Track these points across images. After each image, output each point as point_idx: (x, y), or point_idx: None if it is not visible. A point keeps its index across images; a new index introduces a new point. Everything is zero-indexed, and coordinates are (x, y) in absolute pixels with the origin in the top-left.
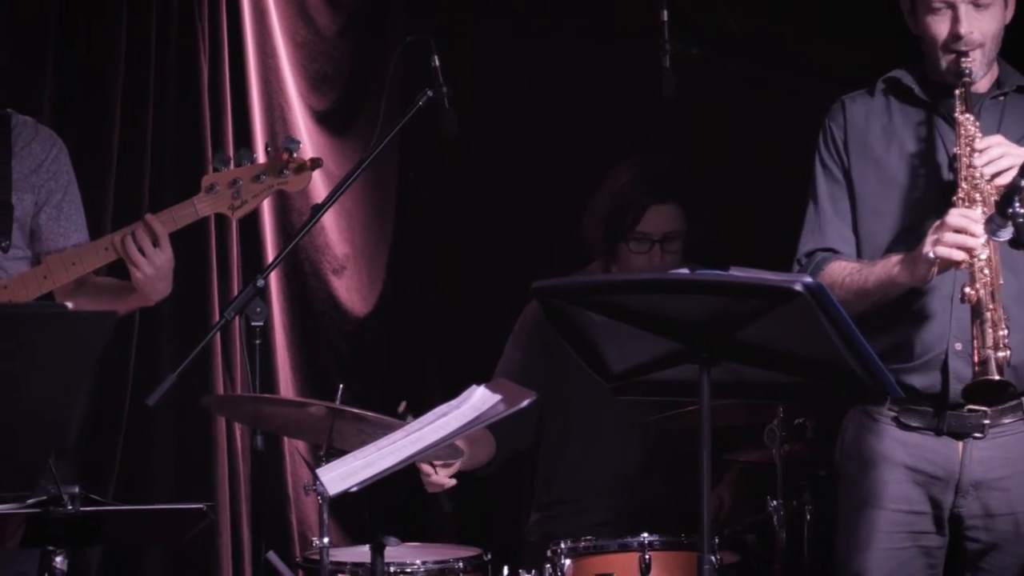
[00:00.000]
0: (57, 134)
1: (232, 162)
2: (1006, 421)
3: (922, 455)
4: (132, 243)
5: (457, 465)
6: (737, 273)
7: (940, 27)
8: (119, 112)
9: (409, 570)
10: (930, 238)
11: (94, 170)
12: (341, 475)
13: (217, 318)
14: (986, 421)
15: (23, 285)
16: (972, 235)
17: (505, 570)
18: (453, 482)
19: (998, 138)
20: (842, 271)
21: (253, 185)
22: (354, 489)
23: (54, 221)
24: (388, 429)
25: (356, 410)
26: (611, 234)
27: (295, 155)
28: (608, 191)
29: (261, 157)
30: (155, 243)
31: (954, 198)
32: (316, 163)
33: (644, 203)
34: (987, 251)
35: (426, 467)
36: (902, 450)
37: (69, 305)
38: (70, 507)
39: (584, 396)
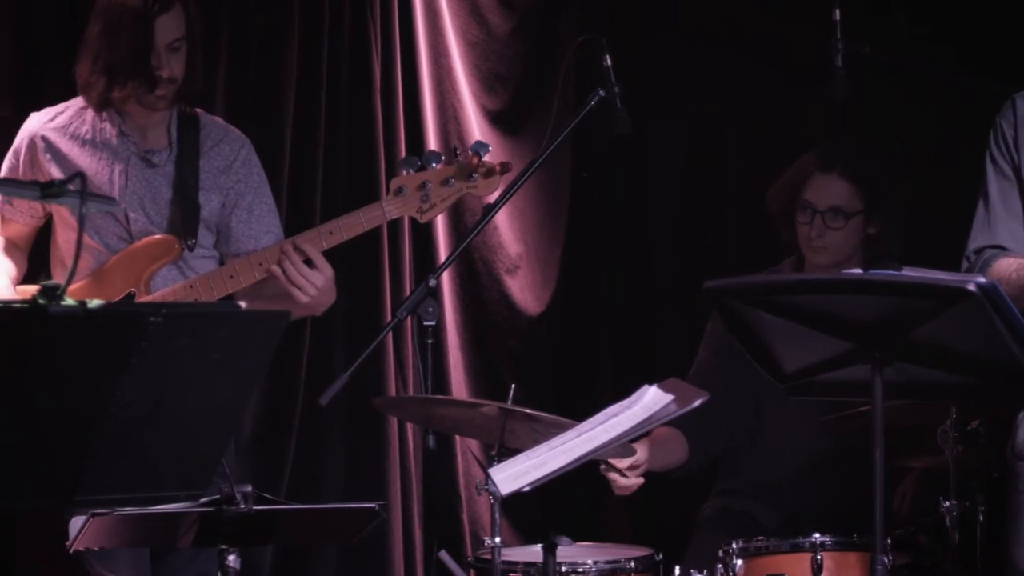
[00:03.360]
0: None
1: (420, 164)
2: None
3: None
4: (292, 270)
5: (643, 467)
6: (910, 273)
7: None
8: (291, 113)
9: (581, 570)
10: None
11: (267, 171)
12: (513, 475)
13: (389, 318)
14: None
15: (208, 284)
16: None
17: (677, 570)
18: (641, 481)
19: None
20: (1009, 268)
21: (442, 189)
22: (526, 489)
23: (245, 224)
24: (560, 429)
25: (528, 410)
26: (786, 202)
27: (484, 159)
28: (794, 164)
29: (448, 160)
30: (309, 263)
31: None
32: (505, 167)
33: (809, 169)
34: None
35: (613, 475)
36: None
37: (243, 305)
38: (243, 506)
39: (764, 395)
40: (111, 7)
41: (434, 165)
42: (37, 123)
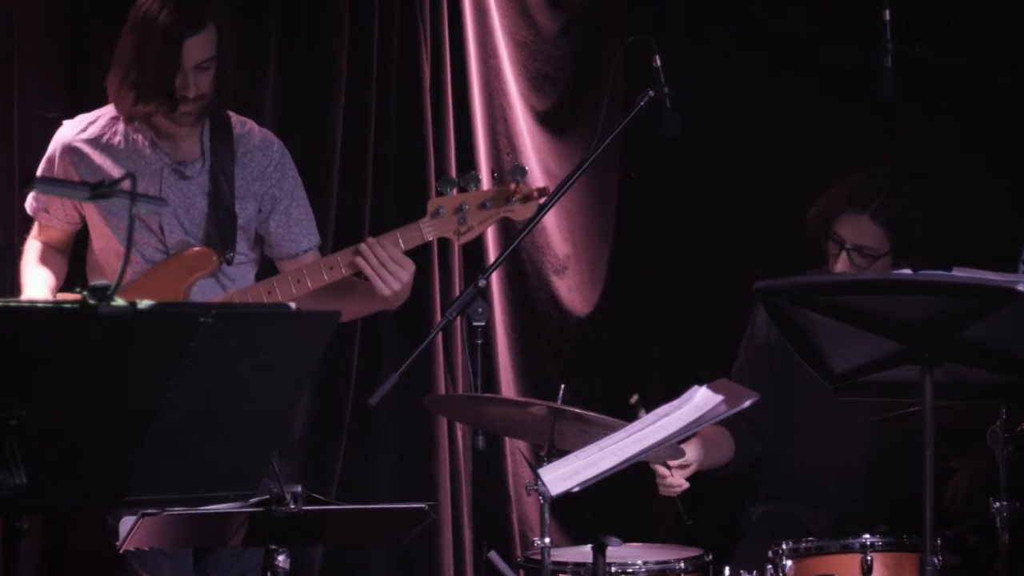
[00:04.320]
0: (278, 139)
1: (458, 187)
2: None
3: None
4: (386, 258)
5: (693, 467)
6: (959, 274)
7: None
8: (341, 114)
9: (630, 570)
10: None
11: (316, 172)
12: (563, 475)
13: (439, 319)
14: None
15: (245, 300)
16: None
17: (726, 571)
18: (687, 484)
19: None
20: None
21: (479, 212)
22: (576, 489)
23: (284, 228)
24: (610, 429)
25: (577, 410)
26: (820, 227)
27: (522, 184)
28: (834, 187)
29: (486, 182)
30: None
31: None
32: (543, 192)
33: (842, 206)
34: None
35: (662, 469)
36: None
37: (292, 305)
38: (293, 506)
39: (809, 394)
40: (144, 23)
41: (473, 187)
42: (69, 133)
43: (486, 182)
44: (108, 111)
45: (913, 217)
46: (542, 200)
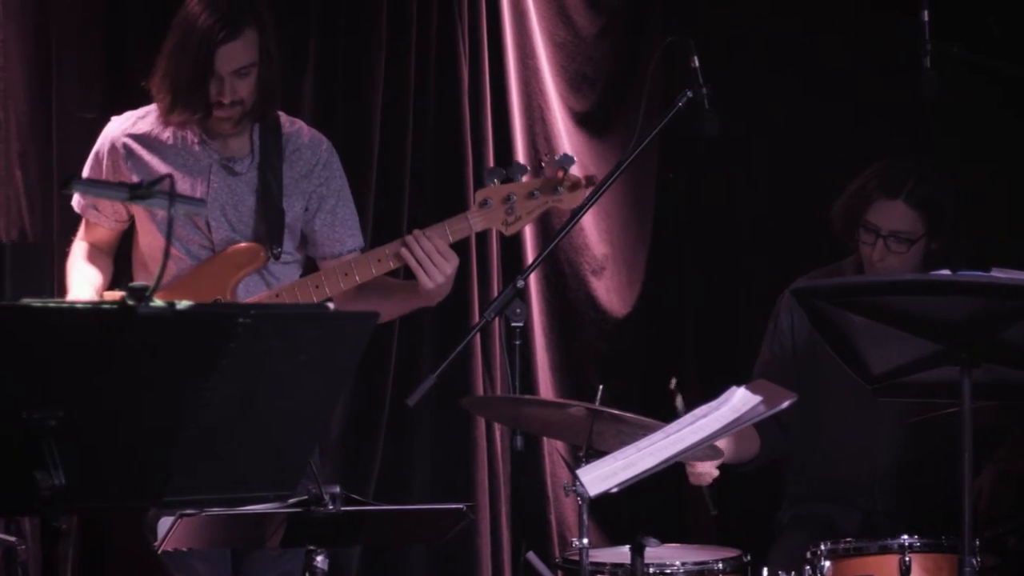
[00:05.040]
0: (327, 139)
1: (505, 176)
2: None
3: None
4: (432, 250)
5: (721, 458)
6: (998, 274)
7: None
8: (379, 115)
9: (669, 571)
10: None
11: (354, 172)
12: (601, 476)
13: (477, 319)
14: None
15: (294, 294)
16: None
17: (765, 571)
18: (716, 472)
19: None
20: None
21: (527, 202)
22: (614, 490)
23: (329, 227)
24: (648, 430)
25: (615, 411)
26: (849, 219)
27: (569, 172)
28: (856, 179)
29: (534, 172)
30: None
31: None
32: (590, 180)
33: (874, 194)
34: None
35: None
36: None
37: (330, 306)
38: (331, 507)
39: (833, 393)
40: (185, 24)
41: (520, 177)
42: (118, 128)
43: (531, 172)
44: (157, 108)
45: (943, 197)
46: (589, 189)
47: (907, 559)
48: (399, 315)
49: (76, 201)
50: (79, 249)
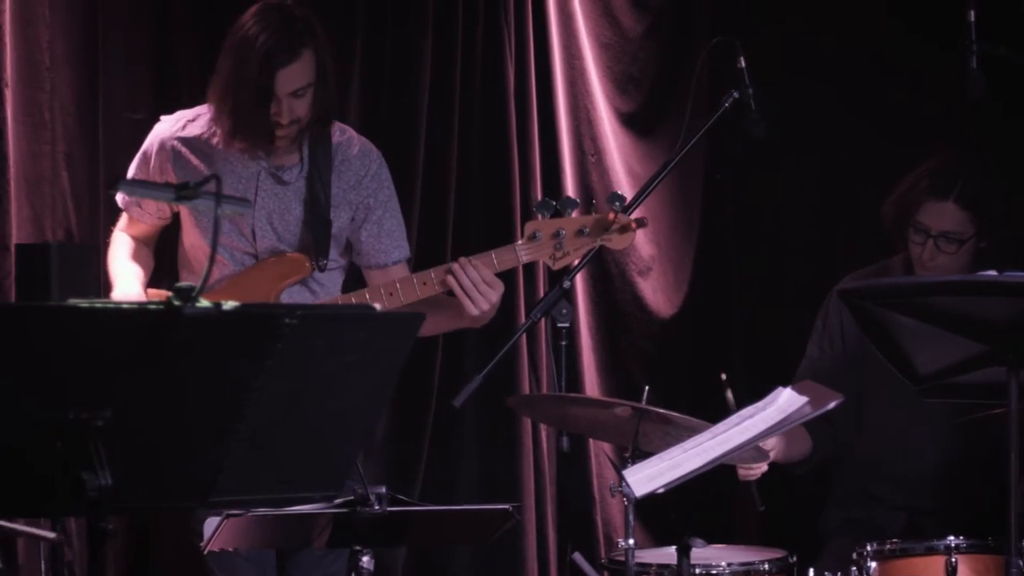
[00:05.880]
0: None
1: (555, 209)
2: None
3: None
4: (478, 278)
5: (772, 455)
6: None
7: None
8: (424, 118)
9: (715, 571)
10: None
11: (400, 173)
12: (647, 476)
13: (523, 320)
14: None
15: None
16: None
17: (811, 572)
18: (765, 467)
19: None
20: None
21: (576, 239)
22: (660, 491)
23: (375, 238)
24: (694, 430)
25: (662, 411)
26: (899, 219)
27: (620, 215)
28: (906, 178)
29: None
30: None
31: None
32: (641, 223)
33: (924, 195)
34: None
35: None
36: None
37: (377, 307)
38: (377, 507)
39: (880, 393)
40: (243, 45)
41: (570, 212)
42: (168, 130)
43: (580, 209)
44: (207, 110)
45: (993, 196)
46: (639, 232)
47: (953, 560)
48: (444, 331)
49: (120, 196)
50: (122, 241)
